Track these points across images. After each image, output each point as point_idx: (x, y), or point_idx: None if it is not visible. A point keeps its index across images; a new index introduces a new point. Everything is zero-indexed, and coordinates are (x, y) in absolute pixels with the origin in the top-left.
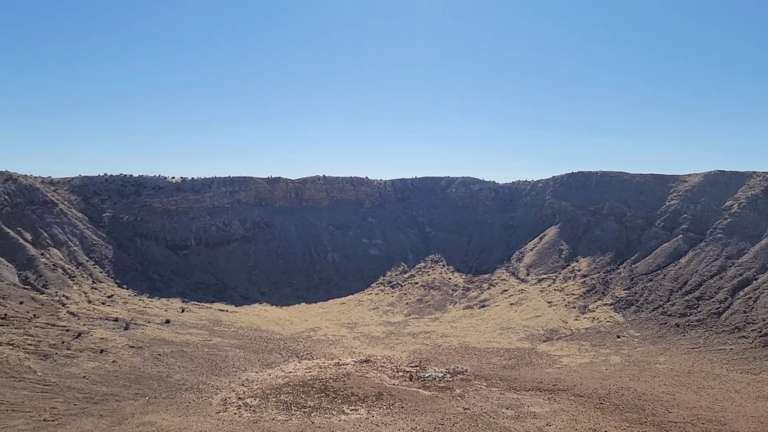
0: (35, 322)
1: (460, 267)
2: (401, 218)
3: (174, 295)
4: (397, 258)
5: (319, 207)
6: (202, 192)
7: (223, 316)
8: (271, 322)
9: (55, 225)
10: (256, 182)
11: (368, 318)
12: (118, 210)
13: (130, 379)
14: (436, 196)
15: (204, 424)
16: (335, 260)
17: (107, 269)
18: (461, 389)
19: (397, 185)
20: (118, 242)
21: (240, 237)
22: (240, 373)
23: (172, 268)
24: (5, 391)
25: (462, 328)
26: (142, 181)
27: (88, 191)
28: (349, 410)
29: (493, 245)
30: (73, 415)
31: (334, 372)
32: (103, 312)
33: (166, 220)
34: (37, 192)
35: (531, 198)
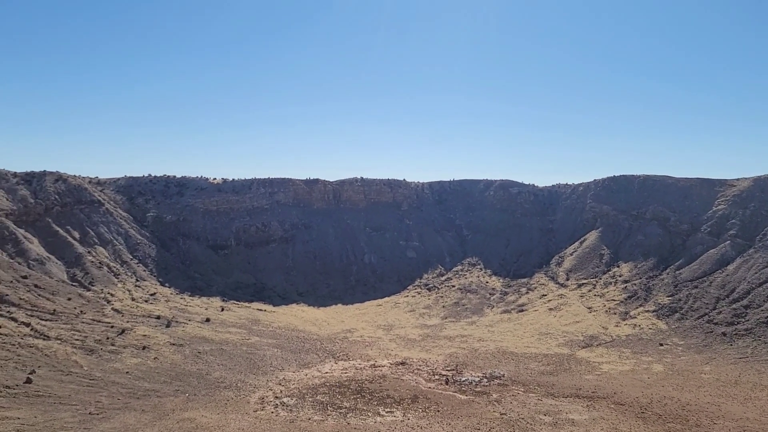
0: (82, 318)
1: (498, 271)
2: (438, 221)
3: (214, 294)
4: (434, 260)
5: (356, 209)
6: (242, 193)
7: (261, 315)
8: (308, 322)
9: (102, 224)
10: (295, 184)
11: (404, 320)
12: (162, 210)
13: (171, 376)
14: (474, 198)
15: (242, 422)
16: (372, 262)
17: (150, 268)
18: (498, 394)
19: (435, 187)
20: (161, 241)
21: (278, 237)
22: (277, 372)
23: (212, 268)
24: (53, 384)
25: (499, 333)
26: (185, 181)
27: (133, 191)
28: (385, 412)
29: (532, 249)
30: (117, 410)
31: (370, 374)
32: (145, 309)
33: (208, 220)
34: (85, 192)
35: (571, 201)
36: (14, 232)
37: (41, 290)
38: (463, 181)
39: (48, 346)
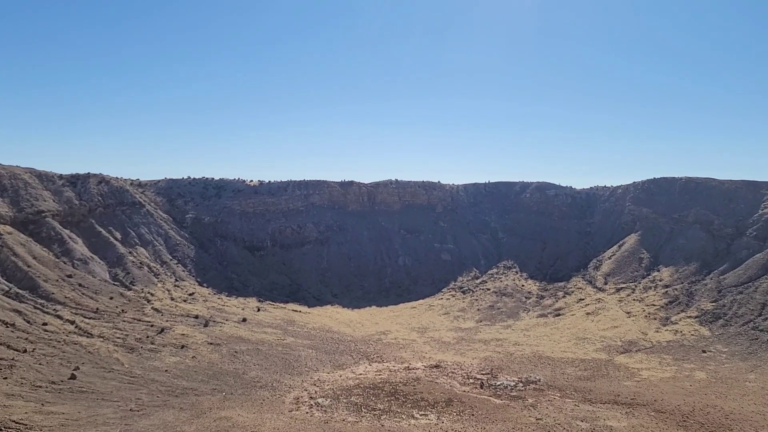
0: (123, 316)
1: (534, 274)
2: (473, 223)
3: (250, 295)
4: (469, 263)
5: (390, 211)
6: (278, 195)
7: (296, 316)
8: (342, 323)
9: (143, 225)
10: (330, 186)
11: (439, 323)
12: (200, 211)
13: (208, 375)
14: (510, 201)
15: (277, 422)
16: (406, 264)
17: (189, 268)
18: (534, 399)
19: (470, 190)
20: (199, 242)
21: (313, 239)
22: (312, 372)
23: (249, 268)
24: (96, 381)
25: (535, 337)
26: (223, 184)
27: (172, 193)
28: (419, 415)
29: (569, 252)
30: (156, 407)
31: (404, 376)
32: (184, 309)
33: (244, 221)
34: (126, 193)
35: (610, 204)
36: (60, 233)
37: (85, 289)
38: (499, 183)
39: (91, 344)
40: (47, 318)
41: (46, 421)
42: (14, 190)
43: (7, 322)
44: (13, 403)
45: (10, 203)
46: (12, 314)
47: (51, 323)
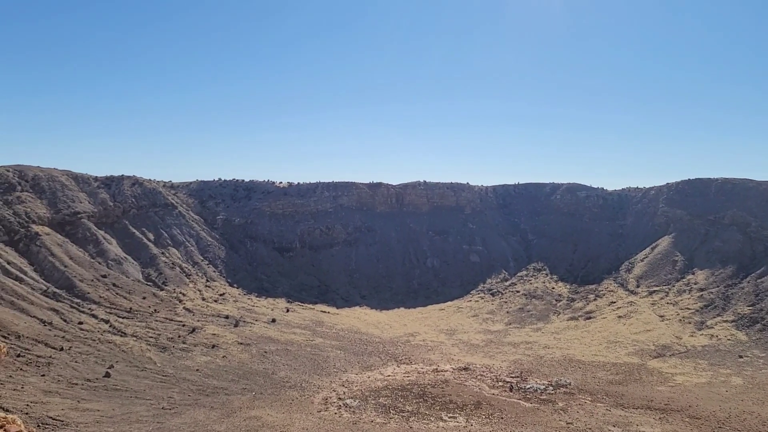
0: (156, 316)
1: (565, 276)
2: (503, 225)
3: (280, 295)
4: (498, 265)
5: (419, 212)
6: (307, 196)
7: (325, 317)
8: (370, 325)
9: (175, 226)
10: (358, 187)
11: (467, 325)
12: (231, 213)
13: (238, 374)
14: (540, 202)
15: (306, 422)
16: (435, 266)
17: (220, 269)
18: (564, 403)
19: (499, 191)
20: (230, 243)
21: (342, 241)
22: (340, 373)
23: (278, 269)
24: (130, 379)
25: (566, 340)
26: (253, 185)
27: (203, 195)
28: (448, 417)
29: (600, 255)
30: (188, 406)
31: (432, 378)
32: (215, 309)
33: (274, 223)
34: (159, 195)
35: (642, 206)
36: (95, 233)
37: (119, 289)
38: (529, 184)
39: (125, 343)
40: (83, 317)
41: (81, 418)
42: (52, 192)
43: (44, 321)
44: (51, 399)
45: (47, 205)
46: (49, 313)
47: (86, 322)
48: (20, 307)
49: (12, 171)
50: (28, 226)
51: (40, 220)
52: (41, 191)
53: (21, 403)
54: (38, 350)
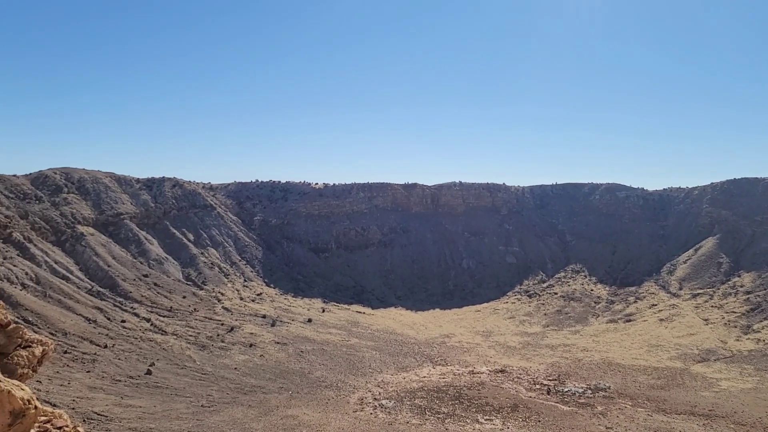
0: (195, 315)
1: (604, 278)
2: (540, 226)
3: (315, 296)
4: (535, 267)
5: (454, 213)
6: (342, 197)
7: (360, 317)
8: (406, 326)
9: (213, 227)
10: (393, 188)
11: (504, 327)
12: (267, 214)
13: (275, 373)
14: (578, 203)
15: (342, 422)
16: (470, 267)
17: (257, 269)
18: (603, 407)
19: (536, 192)
20: (267, 244)
21: (377, 241)
22: (376, 374)
23: (314, 270)
24: (170, 377)
25: (605, 343)
26: (289, 187)
27: (241, 196)
28: (484, 420)
29: (641, 256)
30: (226, 404)
31: (468, 380)
32: (252, 309)
33: (310, 224)
34: (198, 197)
35: (685, 206)
36: (137, 234)
37: (160, 288)
38: (567, 184)
39: (165, 341)
40: (125, 315)
41: (124, 414)
42: (96, 194)
43: (89, 319)
44: (95, 395)
45: (92, 206)
46: (94, 311)
47: (129, 320)
48: (67, 305)
49: (59, 173)
50: (74, 227)
51: (85, 220)
52: (86, 193)
53: (67, 398)
54: (84, 347)
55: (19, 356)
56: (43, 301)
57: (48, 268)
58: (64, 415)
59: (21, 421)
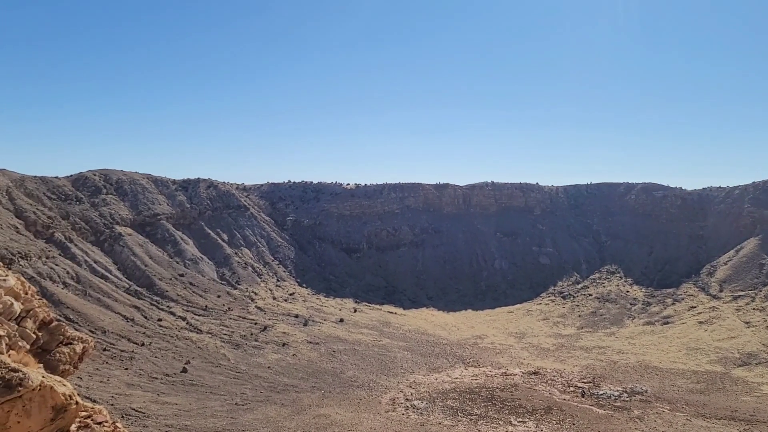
0: (229, 314)
1: (640, 279)
2: (574, 226)
3: (347, 296)
4: (569, 267)
5: (486, 213)
6: (373, 198)
7: (391, 318)
8: (437, 326)
9: (247, 227)
10: (425, 188)
11: (537, 329)
12: (300, 214)
13: (307, 372)
14: (614, 203)
15: (374, 422)
16: (503, 268)
17: (289, 269)
18: (640, 411)
19: (570, 191)
20: (299, 244)
21: (409, 242)
22: (408, 374)
23: (345, 270)
24: (205, 375)
25: (641, 346)
26: (321, 187)
27: (274, 197)
28: (517, 422)
29: (679, 257)
30: (260, 402)
31: (501, 381)
32: (285, 308)
33: (341, 224)
34: (232, 197)
35: (725, 206)
36: (173, 234)
37: (195, 288)
38: (601, 184)
39: (200, 339)
40: (162, 314)
41: (161, 411)
42: (134, 195)
43: (127, 317)
44: (133, 392)
45: (129, 207)
46: (131, 310)
47: (165, 319)
48: (106, 304)
49: (98, 175)
50: (113, 227)
51: (123, 221)
52: (124, 194)
53: (106, 394)
54: (122, 345)
55: (61, 353)
56: (83, 299)
57: (88, 268)
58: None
59: (63, 415)
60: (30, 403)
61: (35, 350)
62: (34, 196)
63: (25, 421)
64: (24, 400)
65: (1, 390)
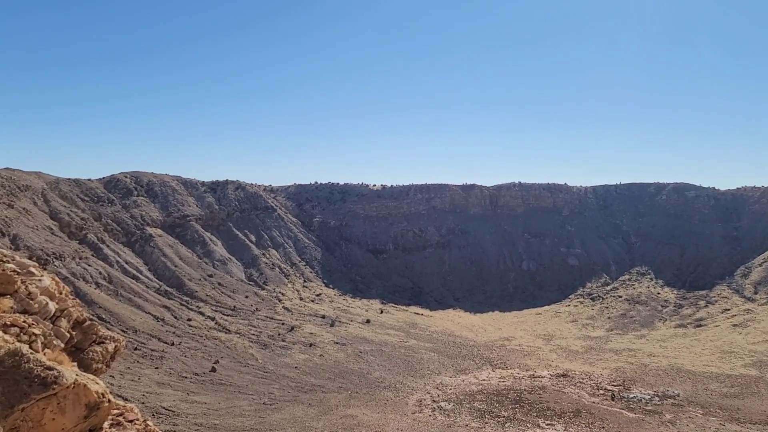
0: (257, 314)
1: (671, 281)
2: (603, 227)
3: (373, 297)
4: (598, 269)
5: (514, 214)
6: (400, 199)
7: (418, 319)
8: (464, 328)
9: (274, 228)
10: (451, 189)
11: (566, 330)
12: (326, 215)
13: (334, 373)
14: (644, 203)
15: (400, 423)
16: (531, 269)
17: (316, 270)
18: (672, 415)
19: (599, 192)
20: (325, 245)
21: (435, 243)
22: (434, 376)
23: (372, 271)
24: (233, 374)
25: (673, 348)
26: (347, 188)
27: (301, 198)
28: (545, 424)
29: (712, 259)
30: (287, 402)
31: (528, 384)
32: (312, 309)
33: (368, 225)
34: (260, 199)
35: (761, 206)
36: (202, 235)
37: (224, 288)
38: (631, 184)
39: (229, 339)
40: (191, 314)
41: (190, 410)
42: (164, 197)
43: (158, 317)
44: (163, 391)
45: (160, 208)
46: (162, 310)
47: (194, 319)
48: (137, 304)
49: (129, 177)
50: (143, 228)
51: (154, 222)
52: (154, 195)
53: (137, 393)
54: (152, 344)
55: (93, 352)
56: (115, 299)
57: (119, 268)
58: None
59: (96, 413)
60: (64, 401)
61: (69, 349)
62: (68, 198)
63: (59, 418)
64: (59, 398)
65: (37, 387)
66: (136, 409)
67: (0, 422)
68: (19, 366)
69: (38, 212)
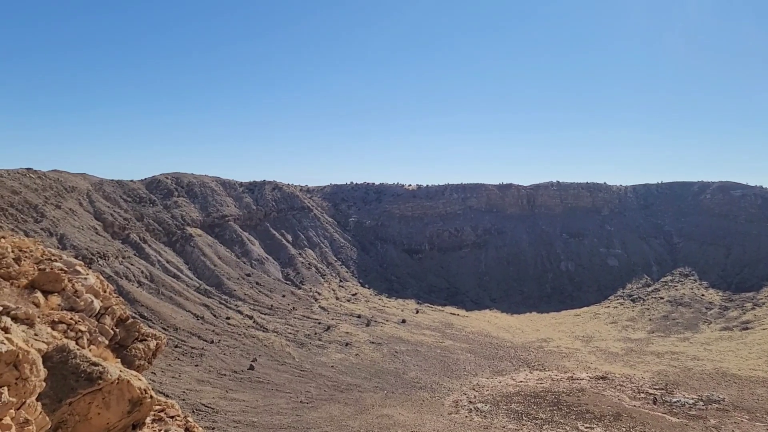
0: (294, 314)
1: (716, 283)
2: (644, 227)
3: (409, 297)
4: (639, 270)
5: (551, 214)
6: (435, 199)
7: (454, 319)
8: (501, 329)
9: (310, 228)
10: (488, 189)
11: (605, 332)
12: (362, 215)
13: (370, 372)
14: (686, 202)
15: (437, 423)
16: (569, 269)
17: (352, 269)
18: (717, 420)
19: (640, 191)
20: (361, 245)
21: (471, 243)
22: (471, 377)
23: (407, 271)
24: (271, 372)
25: (718, 352)
26: (383, 188)
27: (337, 198)
28: (584, 427)
29: (759, 259)
30: (324, 400)
31: (567, 386)
32: (348, 308)
33: (403, 225)
34: (296, 199)
35: None
36: (240, 235)
37: (261, 287)
38: (673, 183)
39: (266, 338)
40: (230, 313)
41: (229, 407)
42: (203, 197)
43: (197, 315)
44: (203, 388)
45: (200, 209)
46: (201, 308)
47: (233, 317)
48: (177, 303)
49: (170, 178)
50: (184, 228)
51: (194, 222)
52: (194, 196)
53: (178, 389)
54: (192, 342)
55: (136, 349)
56: (156, 297)
57: (161, 267)
58: (175, 406)
59: (138, 408)
60: (109, 396)
61: (113, 346)
62: (111, 198)
63: (104, 412)
64: (104, 393)
65: (83, 383)
66: (176, 405)
67: (48, 416)
68: (67, 361)
69: (83, 213)
